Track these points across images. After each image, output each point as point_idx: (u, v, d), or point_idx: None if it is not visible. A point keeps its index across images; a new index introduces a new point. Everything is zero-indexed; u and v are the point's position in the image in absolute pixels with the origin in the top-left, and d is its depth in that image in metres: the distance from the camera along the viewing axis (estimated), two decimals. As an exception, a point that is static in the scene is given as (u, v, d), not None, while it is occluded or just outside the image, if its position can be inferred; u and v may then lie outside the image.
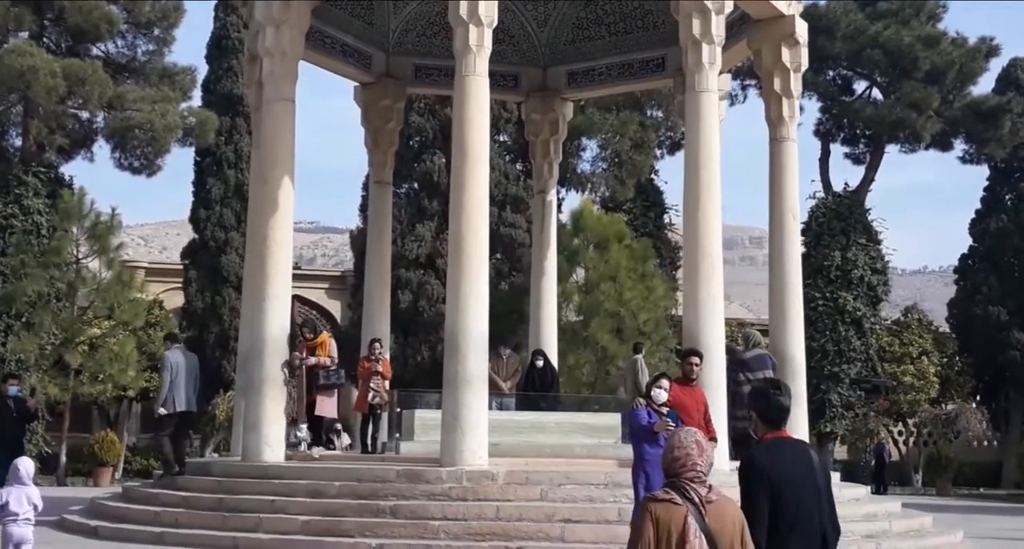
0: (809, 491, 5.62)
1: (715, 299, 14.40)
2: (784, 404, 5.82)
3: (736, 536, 5.10)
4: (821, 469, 5.74)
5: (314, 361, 15.53)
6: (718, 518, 5.05)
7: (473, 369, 13.63)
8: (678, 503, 5.04)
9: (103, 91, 31.98)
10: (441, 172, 35.24)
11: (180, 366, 16.34)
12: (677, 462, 5.13)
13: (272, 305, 15.19)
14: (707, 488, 5.10)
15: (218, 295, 34.85)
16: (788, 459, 5.65)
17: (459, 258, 13.95)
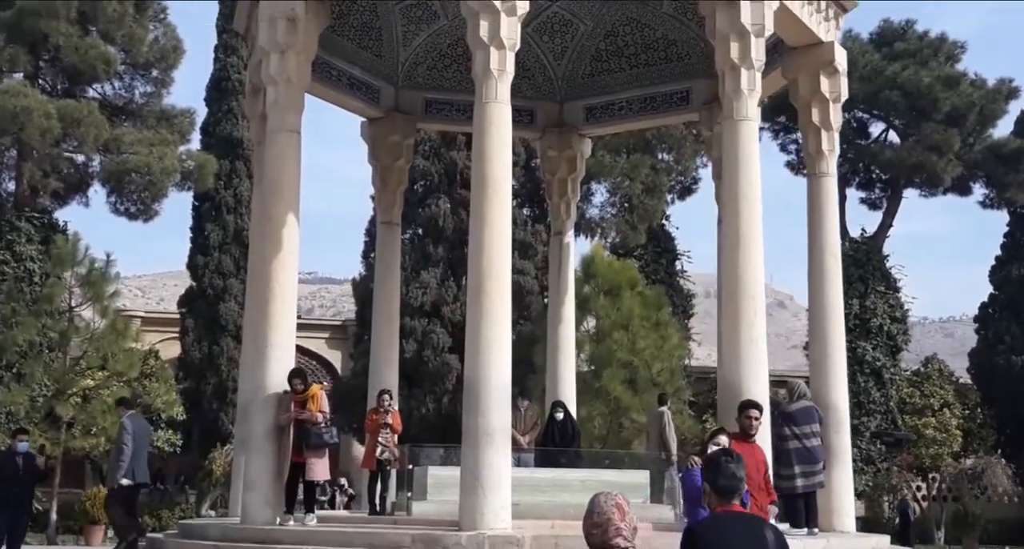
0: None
1: (758, 345, 13.18)
2: (737, 473, 5.49)
3: None
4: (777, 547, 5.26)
5: (306, 415, 13.94)
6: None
7: (495, 423, 12.39)
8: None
9: (99, 133, 31.05)
10: (447, 217, 34.24)
11: (139, 434, 15.72)
12: (599, 529, 4.93)
13: (274, 352, 13.98)
14: None
15: (216, 345, 33.69)
16: (738, 535, 5.25)
17: (479, 300, 12.77)
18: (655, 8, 18.54)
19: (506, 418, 12.62)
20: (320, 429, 13.79)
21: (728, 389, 13.17)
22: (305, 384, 13.91)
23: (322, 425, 13.82)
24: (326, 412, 14.00)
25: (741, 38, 13.62)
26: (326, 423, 13.88)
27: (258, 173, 16.51)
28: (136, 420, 16.10)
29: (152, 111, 34.40)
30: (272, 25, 14.39)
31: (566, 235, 20.19)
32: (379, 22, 18.60)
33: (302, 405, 13.81)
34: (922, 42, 38.29)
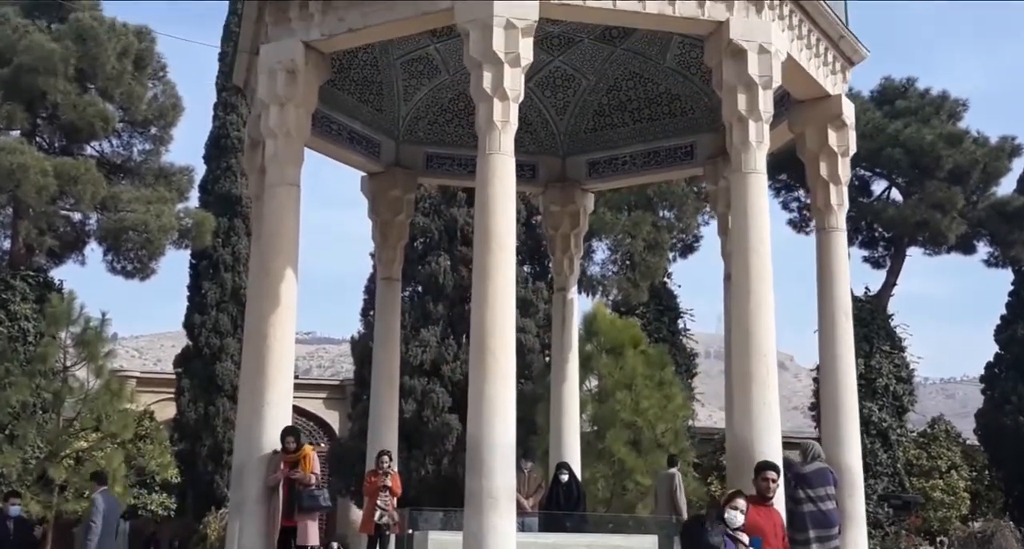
0: None
1: (770, 407, 12.72)
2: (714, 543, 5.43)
3: None
4: None
5: (298, 476, 13.30)
6: None
7: (499, 485, 11.92)
8: None
9: (96, 191, 30.82)
10: (447, 274, 33.93)
11: (110, 512, 15.69)
12: None
13: (271, 411, 13.52)
14: None
15: (212, 405, 33.21)
16: None
17: (482, 357, 12.35)
18: (658, 63, 18.32)
19: (511, 480, 12.16)
20: (313, 491, 13.24)
21: (739, 451, 12.71)
22: (298, 443, 13.38)
23: (314, 487, 13.28)
24: (318, 474, 13.48)
25: (748, 90, 13.33)
26: (318, 485, 13.35)
27: (256, 228, 16.17)
28: (108, 497, 16.00)
29: (150, 169, 34.20)
30: (272, 77, 14.12)
31: (569, 291, 19.82)
32: (380, 76, 18.36)
33: (293, 465, 13.27)
34: (923, 100, 38.15)
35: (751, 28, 13.39)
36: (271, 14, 14.43)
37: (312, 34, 14.14)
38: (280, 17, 14.34)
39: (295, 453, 13.30)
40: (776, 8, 13.86)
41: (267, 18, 14.48)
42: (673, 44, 17.83)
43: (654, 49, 18.08)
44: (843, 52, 15.58)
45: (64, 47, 30.83)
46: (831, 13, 14.92)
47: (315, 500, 13.28)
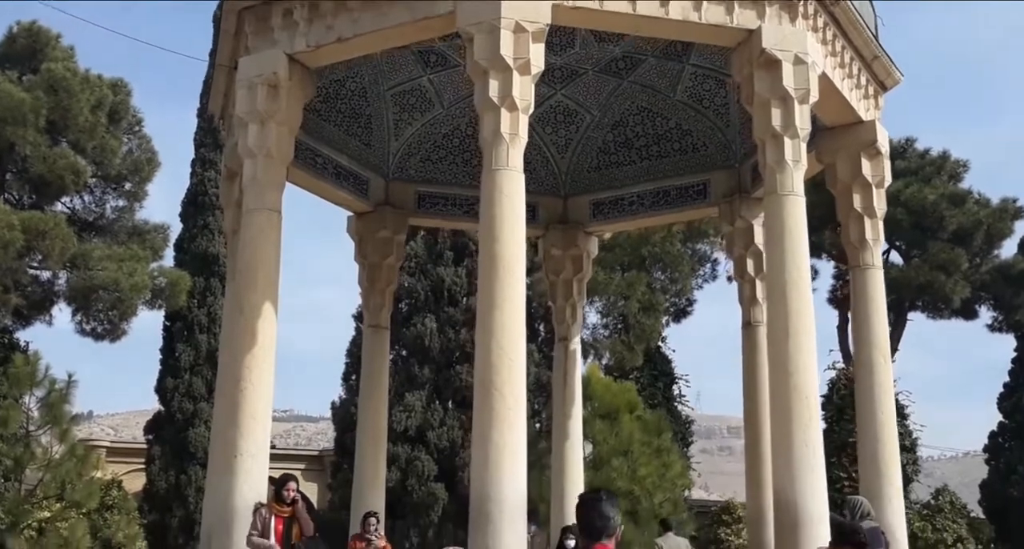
0: None
1: (815, 453, 11.25)
2: (606, 512, 5.24)
3: None
4: None
5: (306, 515, 11.74)
6: None
7: (509, 544, 10.36)
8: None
9: (65, 247, 29.23)
10: (433, 336, 32.49)
11: None
12: None
13: (245, 464, 11.94)
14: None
15: (183, 473, 31.35)
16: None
17: (487, 398, 10.81)
18: (667, 96, 17.08)
19: (522, 541, 10.59)
20: (317, 544, 11.57)
21: (783, 506, 11.19)
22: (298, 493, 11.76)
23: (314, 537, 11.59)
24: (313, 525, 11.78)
25: (784, 104, 12.00)
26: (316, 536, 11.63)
27: (231, 266, 14.68)
28: None
29: (123, 226, 32.65)
30: (251, 91, 12.72)
31: (572, 342, 18.32)
32: (369, 108, 17.04)
33: (287, 522, 11.52)
34: (924, 160, 37.08)
35: (785, 37, 12.10)
36: (251, 24, 13.07)
37: (297, 45, 12.78)
38: (261, 27, 12.99)
39: (291, 506, 11.66)
40: (810, 18, 12.60)
41: (247, 29, 13.12)
42: (684, 75, 16.63)
43: (664, 81, 16.86)
44: (876, 75, 14.33)
45: (35, 97, 29.43)
46: (866, 30, 13.67)
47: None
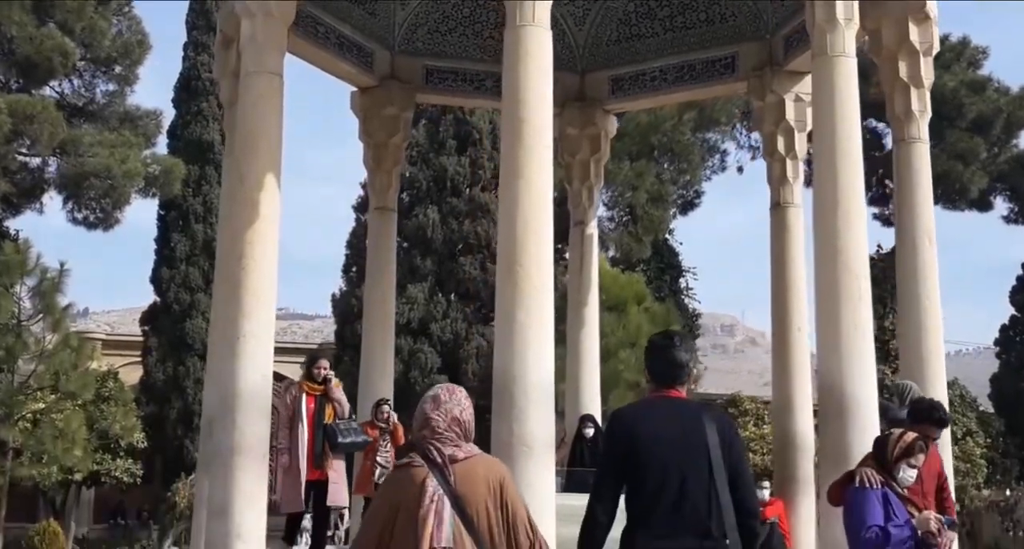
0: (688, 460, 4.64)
1: (864, 335, 10.45)
2: (680, 359, 4.92)
3: (490, 497, 4.54)
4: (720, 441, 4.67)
5: (337, 395, 10.56)
6: (467, 479, 4.54)
7: (536, 431, 9.61)
8: (417, 465, 4.58)
9: (54, 132, 28.23)
10: (435, 228, 31.63)
11: None
12: (416, 422, 4.73)
13: (248, 345, 11.12)
14: (456, 446, 4.59)
15: (181, 365, 30.75)
16: (664, 419, 4.77)
17: (512, 275, 9.96)
18: (693, -39, 15.95)
19: (548, 425, 9.83)
20: (351, 424, 10.43)
21: (829, 391, 10.42)
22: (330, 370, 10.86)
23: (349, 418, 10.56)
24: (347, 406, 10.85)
25: (833, -47, 10.94)
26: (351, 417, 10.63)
27: (229, 139, 13.66)
28: None
29: (114, 112, 31.56)
30: (250, -58, 11.63)
31: (589, 225, 17.37)
32: (373, -28, 15.91)
33: (320, 402, 10.55)
34: (943, 46, 35.73)
35: None
36: None
37: None
38: None
39: (322, 385, 10.73)
40: None
41: None
42: (711, -63, 15.47)
43: (689, -56, 15.72)
44: (924, -69, 13.18)
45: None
46: None
47: (347, 435, 10.38)
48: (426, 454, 4.61)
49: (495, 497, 4.56)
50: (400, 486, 4.60)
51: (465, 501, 4.52)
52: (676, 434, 4.73)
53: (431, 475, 4.55)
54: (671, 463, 4.68)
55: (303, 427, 10.13)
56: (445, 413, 4.69)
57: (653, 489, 4.67)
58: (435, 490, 4.52)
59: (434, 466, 4.57)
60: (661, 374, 4.97)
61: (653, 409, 4.90)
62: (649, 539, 4.67)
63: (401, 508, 4.53)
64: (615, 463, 4.78)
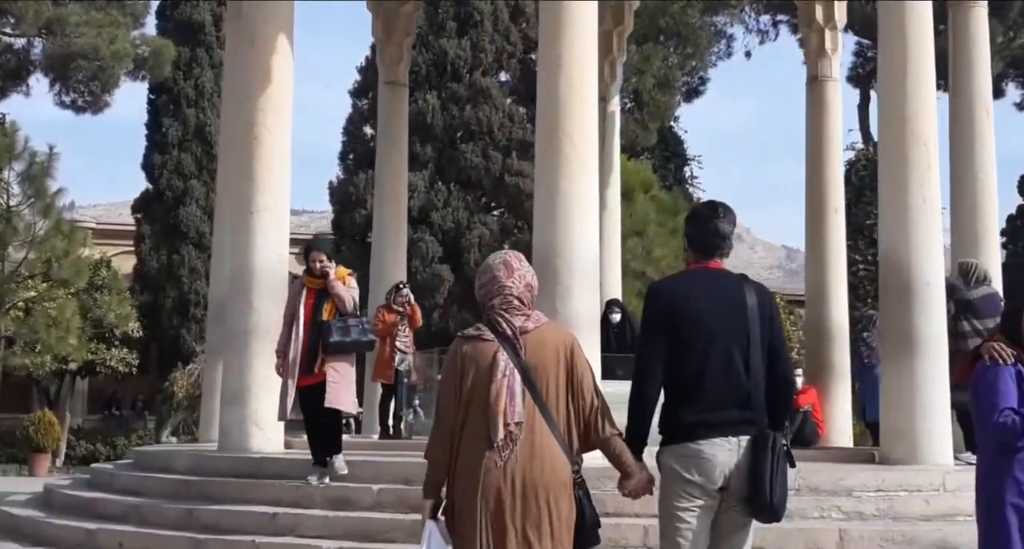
0: (729, 332, 4.54)
1: (932, 209, 9.68)
2: (723, 230, 4.75)
3: (560, 365, 4.41)
4: (760, 312, 4.60)
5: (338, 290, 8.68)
6: (537, 349, 4.40)
7: (581, 310, 8.91)
8: (488, 339, 4.41)
9: (39, 10, 27.05)
10: (435, 113, 30.57)
11: None
12: (483, 289, 4.53)
13: (263, 221, 10.34)
14: (525, 317, 4.43)
15: (175, 254, 29.85)
16: (704, 291, 4.63)
17: (555, 143, 9.15)
18: None
19: (594, 304, 9.12)
20: (347, 321, 8.73)
21: (892, 268, 9.68)
22: (331, 261, 8.92)
23: (352, 316, 8.84)
24: (356, 302, 8.99)
25: None
26: (354, 314, 8.92)
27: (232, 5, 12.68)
28: None
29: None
30: None
31: (611, 102, 16.53)
32: None
33: (319, 297, 8.85)
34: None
35: None
36: None
37: None
38: None
39: (321, 278, 8.89)
40: None
41: None
42: None
43: None
44: None
45: None
46: None
47: (348, 332, 8.66)
48: (495, 327, 4.42)
49: (564, 364, 4.42)
50: (469, 360, 4.41)
51: (535, 372, 4.37)
52: (717, 306, 4.60)
53: (502, 349, 4.37)
54: (712, 335, 4.55)
55: (298, 326, 8.72)
56: (519, 279, 4.51)
57: (694, 362, 4.54)
58: (506, 364, 4.35)
59: (504, 339, 4.39)
60: (702, 245, 4.77)
61: (693, 281, 4.73)
62: (690, 413, 4.52)
63: (471, 383, 4.38)
64: (657, 337, 4.59)
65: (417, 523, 7.94)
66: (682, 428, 4.53)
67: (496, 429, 4.30)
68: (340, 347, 8.59)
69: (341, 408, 8.61)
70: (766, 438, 4.48)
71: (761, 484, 4.43)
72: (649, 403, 4.60)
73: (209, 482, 9.42)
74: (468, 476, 4.35)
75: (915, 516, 8.25)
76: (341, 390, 8.56)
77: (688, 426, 4.51)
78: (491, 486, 4.30)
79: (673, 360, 4.54)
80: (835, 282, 14.23)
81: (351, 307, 8.78)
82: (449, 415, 4.41)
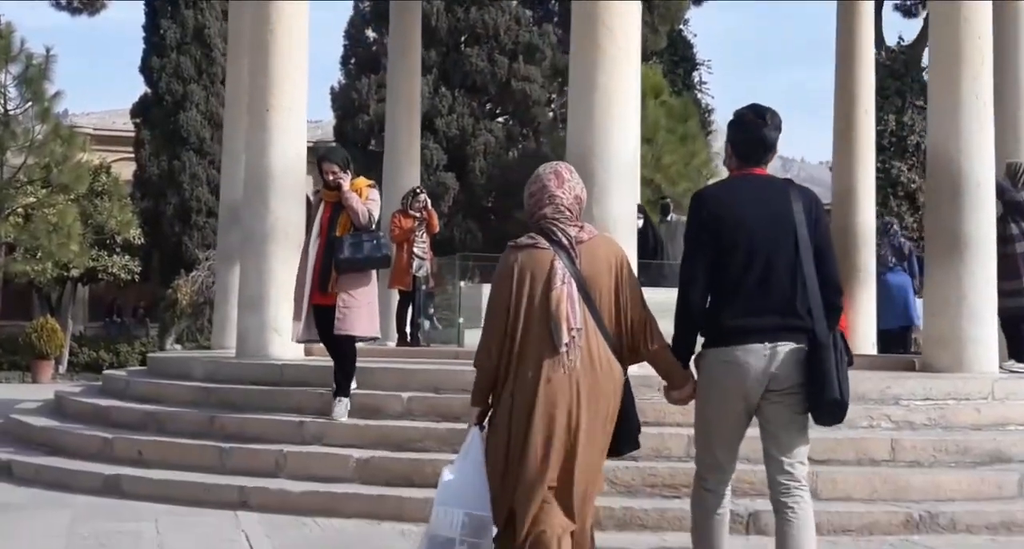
0: (775, 237, 4.48)
1: (985, 106, 9.26)
2: (769, 138, 4.65)
3: (611, 277, 4.42)
4: (806, 217, 4.53)
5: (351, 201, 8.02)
6: (591, 260, 4.42)
7: (619, 212, 8.50)
8: (543, 247, 4.41)
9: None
10: (440, 16, 29.89)
11: None
12: (533, 199, 4.51)
13: (280, 118, 9.89)
14: (578, 227, 4.45)
15: (176, 159, 29.32)
16: (749, 197, 4.57)
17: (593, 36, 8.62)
18: None
19: (632, 206, 8.73)
20: (360, 236, 8.05)
21: (942, 168, 9.27)
22: (346, 171, 8.19)
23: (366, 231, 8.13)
24: (375, 217, 8.29)
25: None
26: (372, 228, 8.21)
27: None
28: None
29: None
30: None
31: None
32: None
33: (334, 210, 8.19)
34: None
35: None
36: None
37: None
38: None
39: (336, 190, 8.20)
40: None
41: None
42: None
43: None
44: None
45: None
46: None
47: (361, 249, 7.98)
48: (550, 235, 4.41)
49: (615, 277, 4.41)
50: (524, 268, 4.38)
51: (589, 282, 4.36)
52: (762, 212, 4.53)
53: (558, 256, 4.37)
54: (758, 241, 4.49)
55: (313, 242, 8.18)
56: (569, 191, 4.49)
57: (739, 268, 4.49)
58: (564, 272, 4.34)
59: (560, 248, 4.39)
60: (747, 152, 4.68)
61: (738, 187, 4.66)
62: (729, 318, 4.49)
63: (528, 291, 4.35)
64: (702, 243, 4.55)
65: (451, 432, 7.73)
66: (721, 333, 4.52)
67: (560, 335, 4.29)
68: (351, 264, 7.98)
69: (354, 333, 7.98)
70: (825, 338, 4.43)
71: (830, 383, 4.40)
72: (696, 311, 4.55)
73: (230, 389, 9.07)
74: (526, 384, 4.32)
75: (966, 425, 7.95)
76: (354, 315, 7.93)
77: (726, 331, 4.50)
78: (552, 392, 4.29)
79: (717, 267, 4.51)
80: (863, 184, 13.94)
81: (365, 221, 8.13)
82: (500, 323, 4.39)
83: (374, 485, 7.40)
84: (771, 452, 4.64)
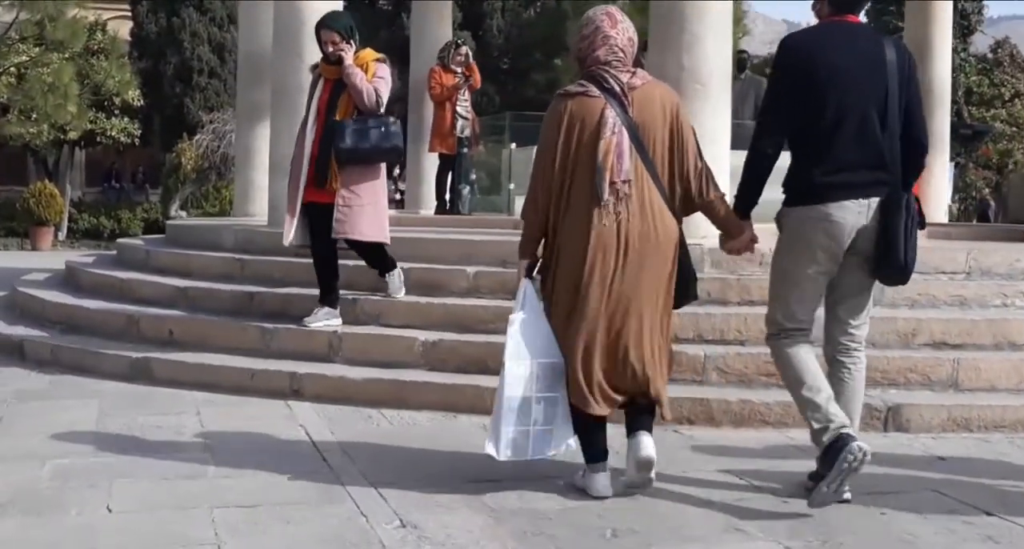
0: (866, 90, 4.25)
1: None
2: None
3: (665, 124, 4.31)
4: (899, 71, 4.27)
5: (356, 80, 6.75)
6: (644, 106, 4.30)
7: (713, 66, 7.41)
8: (594, 95, 4.31)
9: None
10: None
11: None
12: (585, 42, 4.38)
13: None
14: (630, 73, 4.33)
15: (175, 17, 27.93)
16: (841, 46, 4.31)
17: None
18: None
19: (727, 58, 7.68)
20: (366, 122, 6.82)
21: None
22: (349, 42, 6.89)
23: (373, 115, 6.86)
24: (383, 98, 6.91)
25: None
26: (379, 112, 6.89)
27: None
28: None
29: None
30: None
31: None
32: None
33: (335, 88, 6.92)
34: None
35: None
36: None
37: None
38: None
39: (336, 65, 6.95)
40: None
41: None
42: None
43: None
44: None
45: None
46: None
47: (366, 136, 6.76)
48: (602, 83, 4.32)
49: (669, 124, 4.33)
50: (574, 117, 4.30)
51: (642, 130, 4.30)
52: (854, 62, 4.28)
53: (609, 104, 4.29)
54: (846, 92, 4.26)
55: (310, 125, 6.95)
56: (622, 32, 4.38)
57: (826, 120, 4.27)
58: (614, 121, 4.27)
59: (612, 95, 4.30)
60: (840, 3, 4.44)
61: (829, 35, 4.41)
62: (820, 173, 4.30)
63: (577, 141, 4.29)
64: (788, 94, 4.33)
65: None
66: (811, 189, 4.33)
67: (603, 187, 4.22)
68: (354, 154, 6.76)
69: (355, 237, 6.87)
70: (900, 198, 4.27)
71: (896, 245, 4.25)
72: (767, 160, 4.36)
73: (268, 262, 8.12)
74: (575, 234, 4.26)
75: (1110, 300, 7.06)
76: (356, 214, 6.78)
77: (818, 187, 4.32)
78: (601, 243, 4.23)
79: (804, 118, 4.30)
80: (939, 35, 12.84)
81: (371, 103, 6.84)
82: (548, 174, 4.32)
83: (444, 372, 6.52)
84: (838, 313, 4.50)
